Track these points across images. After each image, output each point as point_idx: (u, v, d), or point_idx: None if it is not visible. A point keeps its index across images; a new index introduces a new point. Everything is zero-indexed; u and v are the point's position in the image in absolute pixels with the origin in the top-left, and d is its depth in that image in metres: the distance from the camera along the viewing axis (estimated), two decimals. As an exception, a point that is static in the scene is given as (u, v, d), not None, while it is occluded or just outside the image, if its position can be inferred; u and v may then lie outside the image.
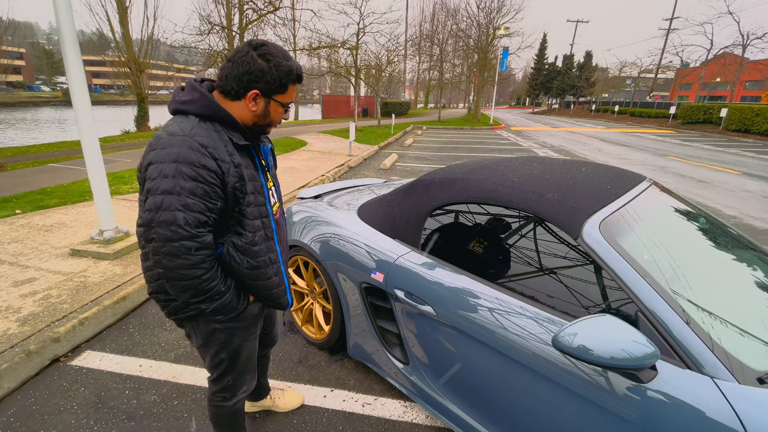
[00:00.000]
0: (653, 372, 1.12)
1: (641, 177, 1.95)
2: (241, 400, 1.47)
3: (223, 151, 1.06)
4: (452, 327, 1.60)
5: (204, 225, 1.05)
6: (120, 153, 9.27)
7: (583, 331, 1.10)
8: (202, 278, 1.07)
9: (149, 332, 2.59)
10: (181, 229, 1.00)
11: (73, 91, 3.08)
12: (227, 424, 1.51)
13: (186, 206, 1.00)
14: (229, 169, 1.07)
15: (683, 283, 1.34)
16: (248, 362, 1.42)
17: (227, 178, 1.07)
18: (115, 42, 14.70)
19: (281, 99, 1.15)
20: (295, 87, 1.16)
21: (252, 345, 1.41)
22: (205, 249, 1.06)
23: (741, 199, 6.58)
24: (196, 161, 1.01)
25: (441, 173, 2.05)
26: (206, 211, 1.04)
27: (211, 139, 1.05)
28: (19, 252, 3.44)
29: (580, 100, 50.04)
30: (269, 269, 1.24)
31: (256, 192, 1.18)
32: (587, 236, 1.38)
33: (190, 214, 1.01)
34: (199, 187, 1.01)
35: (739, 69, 29.86)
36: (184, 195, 1.00)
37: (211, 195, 1.04)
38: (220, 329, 1.26)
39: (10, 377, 2.04)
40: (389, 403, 2.04)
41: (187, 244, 1.02)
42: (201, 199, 1.02)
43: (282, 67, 1.09)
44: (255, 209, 1.17)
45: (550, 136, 18.40)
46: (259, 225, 1.19)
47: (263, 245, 1.21)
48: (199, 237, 1.03)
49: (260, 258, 1.20)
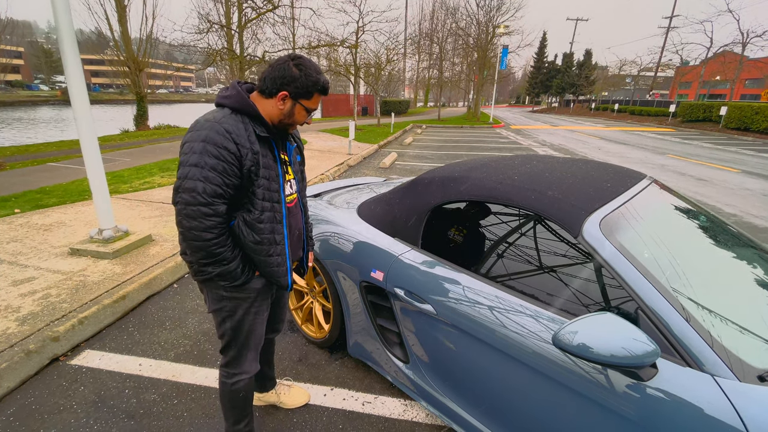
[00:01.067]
0: (654, 370, 1.12)
1: (642, 175, 1.95)
2: (241, 381, 1.54)
3: (244, 139, 1.24)
4: (452, 325, 1.60)
5: (219, 197, 1.23)
6: (119, 152, 9.25)
7: (583, 329, 1.10)
8: (212, 242, 1.25)
9: (149, 331, 2.59)
10: (200, 196, 1.19)
11: (72, 91, 3.07)
12: (228, 404, 1.58)
13: (206, 178, 1.19)
14: (247, 153, 1.24)
15: (683, 281, 1.34)
16: (249, 338, 1.51)
17: (244, 161, 1.24)
18: (114, 41, 14.66)
19: (306, 104, 1.32)
20: (319, 97, 1.34)
21: (254, 321, 1.49)
22: (217, 216, 1.24)
23: (741, 198, 6.58)
24: (219, 143, 1.20)
25: (441, 172, 2.04)
26: (222, 185, 1.22)
27: (237, 127, 1.24)
28: (18, 251, 3.43)
29: (580, 98, 49.99)
30: (272, 247, 1.38)
31: (270, 179, 1.33)
32: (588, 234, 1.38)
33: (208, 185, 1.19)
34: (219, 164, 1.20)
35: (738, 67, 29.87)
36: (206, 169, 1.19)
37: (229, 172, 1.22)
38: (227, 297, 1.41)
39: (9, 376, 2.04)
40: (389, 402, 2.04)
41: (203, 210, 1.21)
42: (219, 174, 1.20)
43: (311, 77, 1.28)
44: (266, 192, 1.33)
45: (549, 134, 18.39)
46: (267, 207, 1.34)
47: (268, 225, 1.35)
48: (213, 205, 1.22)
49: (264, 235, 1.35)
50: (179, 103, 65.03)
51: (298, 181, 1.53)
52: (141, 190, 5.70)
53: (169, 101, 66.57)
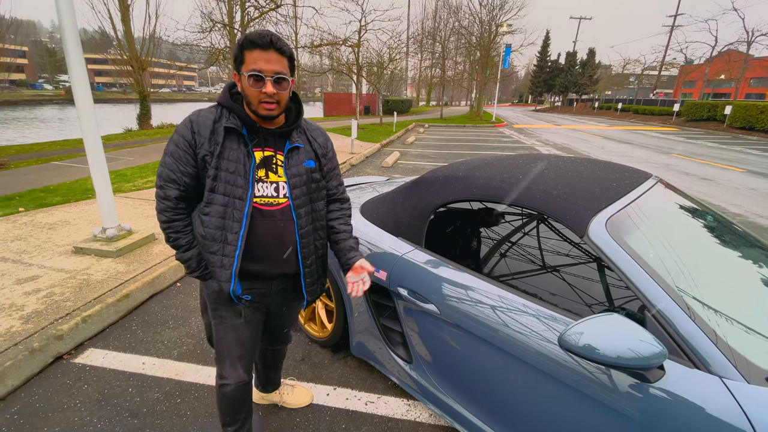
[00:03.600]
0: (661, 371, 1.11)
1: (647, 174, 1.93)
2: (225, 386, 1.45)
3: (206, 129, 1.24)
4: (456, 325, 1.59)
5: (173, 182, 1.27)
6: (122, 151, 9.28)
7: (589, 330, 1.08)
8: (165, 224, 1.31)
9: (152, 330, 2.59)
10: (159, 179, 1.29)
11: (76, 90, 3.07)
12: (218, 404, 1.52)
13: (164, 163, 1.27)
14: (203, 143, 1.24)
15: (690, 281, 1.32)
16: (220, 344, 1.43)
17: (198, 149, 1.25)
18: (117, 40, 14.69)
19: (244, 70, 1.19)
20: (253, 53, 1.16)
21: (222, 329, 1.41)
22: (167, 200, 1.28)
23: (746, 197, 6.53)
24: (180, 131, 1.25)
25: (444, 171, 2.03)
26: (177, 171, 1.26)
27: (205, 118, 1.25)
28: (22, 250, 3.44)
29: (583, 97, 49.78)
30: (215, 245, 1.30)
31: (235, 173, 1.25)
32: (593, 234, 1.36)
33: (164, 169, 1.27)
34: (176, 151, 1.25)
35: (743, 66, 29.66)
36: (167, 155, 1.26)
37: (182, 159, 1.25)
38: (202, 291, 1.45)
39: (13, 375, 2.05)
40: (392, 402, 2.03)
41: (158, 192, 1.29)
42: (175, 160, 1.26)
43: (239, 40, 1.20)
44: (225, 186, 1.26)
45: (552, 133, 18.32)
46: (220, 200, 1.26)
47: (216, 219, 1.28)
48: (164, 189, 1.28)
49: (208, 229, 1.29)
50: (182, 102, 65.11)
51: (294, 187, 1.32)
52: (144, 189, 5.71)
53: (172, 100, 66.69)
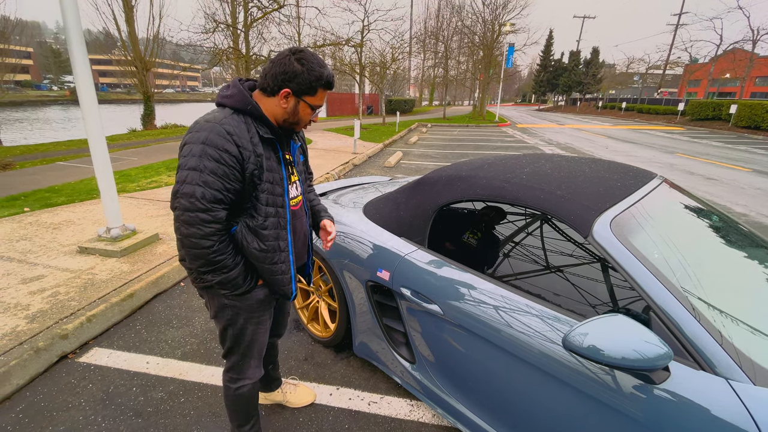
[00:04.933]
0: (666, 373, 1.10)
1: (652, 174, 1.92)
2: (245, 386, 1.51)
3: (246, 140, 1.18)
4: (459, 325, 1.59)
5: (219, 202, 1.16)
6: (127, 151, 9.33)
7: (593, 331, 1.08)
8: (211, 249, 1.18)
9: (156, 330, 2.61)
10: (198, 201, 1.13)
11: (80, 91, 3.09)
12: (232, 407, 1.56)
13: (206, 183, 1.13)
14: (249, 156, 1.18)
15: (696, 282, 1.31)
16: (252, 346, 1.46)
17: (247, 164, 1.18)
18: (122, 41, 14.77)
19: (310, 101, 1.24)
20: (324, 92, 1.25)
21: (257, 331, 1.45)
22: (216, 223, 1.17)
23: (751, 197, 6.48)
24: (220, 145, 1.13)
25: (448, 171, 2.02)
26: (223, 190, 1.15)
27: (239, 128, 1.17)
28: (27, 249, 3.47)
29: (587, 96, 49.55)
30: (276, 255, 1.31)
31: (274, 182, 1.27)
32: (598, 235, 1.36)
33: (208, 189, 1.13)
34: (219, 168, 1.13)
35: (749, 65, 29.43)
36: (206, 173, 1.12)
37: (230, 176, 1.15)
38: (228, 305, 1.36)
39: (18, 374, 2.06)
40: (395, 402, 2.03)
41: (202, 216, 1.14)
42: (220, 178, 1.14)
43: (314, 72, 1.19)
44: (270, 197, 1.26)
45: (556, 133, 18.25)
46: (272, 212, 1.27)
47: (273, 231, 1.29)
48: (212, 211, 1.15)
49: (269, 242, 1.28)
50: (186, 102, 65.40)
51: (302, 182, 1.46)
52: (148, 189, 5.74)
53: (176, 101, 66.97)
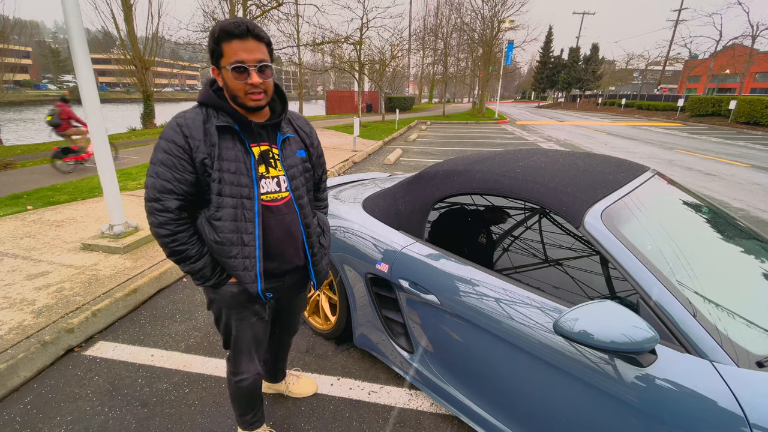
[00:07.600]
0: (653, 356, 1.14)
1: (644, 167, 1.96)
2: (244, 380, 1.50)
3: (198, 131, 1.17)
4: (455, 315, 1.63)
5: (170, 192, 1.17)
6: (127, 150, 9.36)
7: (584, 317, 1.12)
8: (169, 238, 1.21)
9: (160, 323, 2.65)
10: (150, 191, 1.18)
11: (83, 90, 3.13)
12: (235, 399, 1.59)
13: (156, 174, 1.17)
14: (198, 146, 1.17)
15: (683, 270, 1.35)
16: (239, 342, 1.44)
17: (195, 154, 1.17)
18: (121, 40, 14.77)
19: (225, 62, 1.14)
20: (232, 45, 1.12)
21: (240, 327, 1.41)
22: (167, 212, 1.18)
23: (749, 192, 6.52)
24: (169, 137, 1.16)
25: (445, 165, 2.07)
26: (173, 180, 1.17)
27: (193, 120, 1.18)
28: (31, 246, 3.51)
29: (587, 93, 49.50)
30: (234, 248, 1.24)
31: (237, 172, 1.21)
32: (589, 225, 1.40)
33: (158, 180, 1.17)
34: (168, 159, 1.16)
35: (748, 60, 29.40)
36: (157, 164, 1.17)
37: (177, 166, 1.17)
38: (214, 299, 1.38)
39: (26, 367, 2.11)
40: (395, 391, 2.08)
41: (155, 205, 1.18)
42: (168, 169, 1.16)
43: (212, 32, 1.13)
44: (231, 188, 1.21)
45: (555, 129, 18.27)
46: (230, 203, 1.21)
47: (229, 223, 1.22)
48: (162, 201, 1.17)
49: (223, 234, 1.23)
50: (185, 101, 65.21)
51: (293, 179, 1.33)
52: (149, 187, 5.77)
53: (176, 99, 66.81)
